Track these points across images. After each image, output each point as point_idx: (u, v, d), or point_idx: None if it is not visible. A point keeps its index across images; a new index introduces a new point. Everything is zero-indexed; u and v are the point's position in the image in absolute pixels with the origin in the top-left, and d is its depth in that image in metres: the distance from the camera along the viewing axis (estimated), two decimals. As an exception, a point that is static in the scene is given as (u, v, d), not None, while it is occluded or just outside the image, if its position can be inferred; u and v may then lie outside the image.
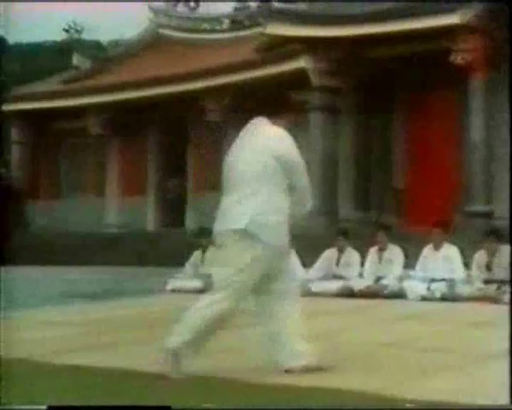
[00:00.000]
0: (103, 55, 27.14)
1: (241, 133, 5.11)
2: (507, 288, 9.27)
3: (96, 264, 18.00)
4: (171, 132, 22.58)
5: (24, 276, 14.58)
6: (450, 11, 14.54)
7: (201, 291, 11.00)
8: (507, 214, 15.21)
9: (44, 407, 3.76)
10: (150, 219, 22.64)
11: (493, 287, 9.39)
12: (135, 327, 7.32)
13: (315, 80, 16.88)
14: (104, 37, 36.48)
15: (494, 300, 9.10)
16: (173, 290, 11.20)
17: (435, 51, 14.74)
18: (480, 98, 15.08)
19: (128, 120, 22.53)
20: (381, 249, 10.52)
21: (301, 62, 17.25)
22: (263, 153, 4.89)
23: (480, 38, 14.81)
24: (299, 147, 5.05)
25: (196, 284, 11.21)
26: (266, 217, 4.74)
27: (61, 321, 7.84)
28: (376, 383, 4.37)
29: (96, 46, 34.62)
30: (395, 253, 10.47)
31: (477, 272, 9.67)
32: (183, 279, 11.52)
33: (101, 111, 22.48)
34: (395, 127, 17.71)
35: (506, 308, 8.54)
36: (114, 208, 23.34)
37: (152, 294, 10.99)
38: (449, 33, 14.66)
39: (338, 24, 16.11)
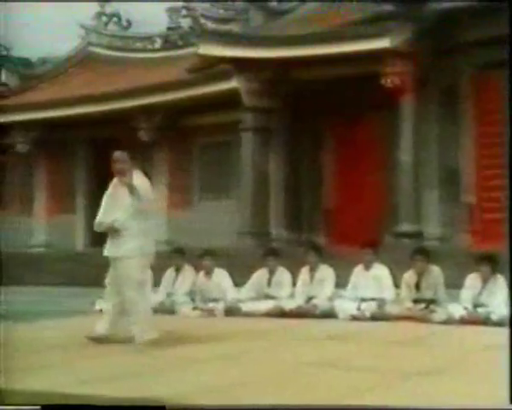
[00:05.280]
0: (32, 73, 26.70)
1: None
2: (435, 307, 9.45)
3: (21, 284, 17.57)
4: (100, 151, 22.31)
5: None
6: (380, 35, 14.78)
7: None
8: (435, 234, 15.53)
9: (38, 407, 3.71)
10: (79, 238, 22.28)
11: (422, 306, 9.53)
12: (54, 349, 7.12)
13: (246, 101, 16.93)
14: (33, 54, 35.90)
15: (423, 319, 9.24)
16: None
17: (365, 74, 14.95)
18: (408, 119, 15.35)
19: (56, 138, 22.18)
20: (313, 269, 10.55)
21: (233, 83, 17.30)
22: None
23: (409, 62, 15.09)
24: (232, 166, 5.13)
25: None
26: None
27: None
28: (306, 402, 4.36)
29: (25, 63, 34.02)
30: (326, 273, 10.51)
31: (406, 291, 9.79)
32: (112, 300, 11.33)
33: (29, 129, 22.08)
34: (325, 148, 17.89)
35: (434, 327, 8.71)
36: (42, 228, 22.90)
37: (82, 314, 10.75)
38: (378, 57, 14.89)
39: (270, 45, 16.21)
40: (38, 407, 3.80)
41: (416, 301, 9.62)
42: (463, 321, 8.99)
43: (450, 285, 9.76)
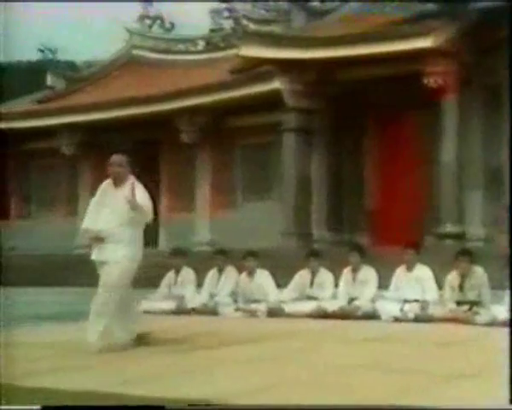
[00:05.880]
0: (77, 76, 27.06)
1: None
2: (478, 309, 9.36)
3: (66, 285, 17.80)
4: (144, 153, 22.50)
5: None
6: (423, 35, 14.70)
7: (174, 312, 11.02)
8: (478, 235, 15.39)
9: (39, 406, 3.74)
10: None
11: (465, 308, 9.44)
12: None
13: (289, 101, 16.96)
14: (79, 57, 36.43)
15: (466, 321, 9.15)
16: (146, 312, 11.07)
17: (407, 73, 14.87)
18: (451, 119, 15.26)
19: (101, 141, 22.40)
20: (355, 270, 10.51)
21: (275, 84, 17.34)
22: None
23: (452, 61, 14.99)
24: (274, 167, 5.15)
25: (169, 304, 11.15)
26: None
27: (28, 343, 7.66)
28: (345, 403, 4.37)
29: (71, 66, 34.48)
30: (369, 274, 10.47)
31: (449, 293, 9.71)
32: (156, 300, 11.44)
33: (75, 131, 22.38)
34: (367, 148, 17.83)
35: (478, 329, 8.62)
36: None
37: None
38: (421, 56, 14.80)
39: (312, 46, 16.21)
40: (38, 407, 3.81)
41: (459, 303, 9.53)
42: (507, 323, 8.88)
43: (494, 286, 9.66)
